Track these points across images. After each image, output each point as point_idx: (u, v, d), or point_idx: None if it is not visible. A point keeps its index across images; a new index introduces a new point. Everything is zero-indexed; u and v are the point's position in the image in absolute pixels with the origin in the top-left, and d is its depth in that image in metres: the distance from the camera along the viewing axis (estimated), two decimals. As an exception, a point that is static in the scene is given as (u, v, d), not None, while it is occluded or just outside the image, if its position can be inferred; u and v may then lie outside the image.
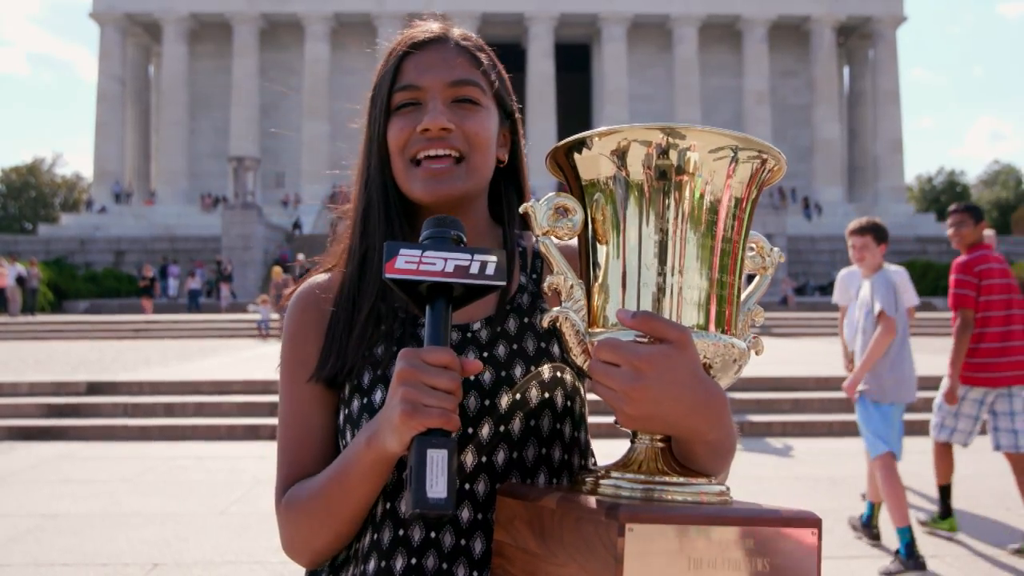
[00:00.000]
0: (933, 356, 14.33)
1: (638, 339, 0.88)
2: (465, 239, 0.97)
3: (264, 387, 10.44)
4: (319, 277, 1.23)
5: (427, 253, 0.93)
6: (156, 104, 49.69)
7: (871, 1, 46.91)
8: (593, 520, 0.83)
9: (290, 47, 47.36)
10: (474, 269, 0.93)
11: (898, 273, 5.43)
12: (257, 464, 7.65)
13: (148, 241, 35.72)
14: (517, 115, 1.25)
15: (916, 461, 6.99)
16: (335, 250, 1.23)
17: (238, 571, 4.77)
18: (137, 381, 10.81)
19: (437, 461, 0.87)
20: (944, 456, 5.39)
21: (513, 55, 46.62)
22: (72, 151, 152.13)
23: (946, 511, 5.37)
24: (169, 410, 9.85)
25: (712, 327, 0.91)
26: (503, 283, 0.94)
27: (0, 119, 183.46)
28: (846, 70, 51.25)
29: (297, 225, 38.94)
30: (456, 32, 1.20)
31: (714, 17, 46.40)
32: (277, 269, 22.01)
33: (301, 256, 25.65)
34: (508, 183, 1.25)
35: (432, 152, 1.12)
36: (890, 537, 5.15)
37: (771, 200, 33.15)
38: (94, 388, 10.60)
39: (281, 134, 44.85)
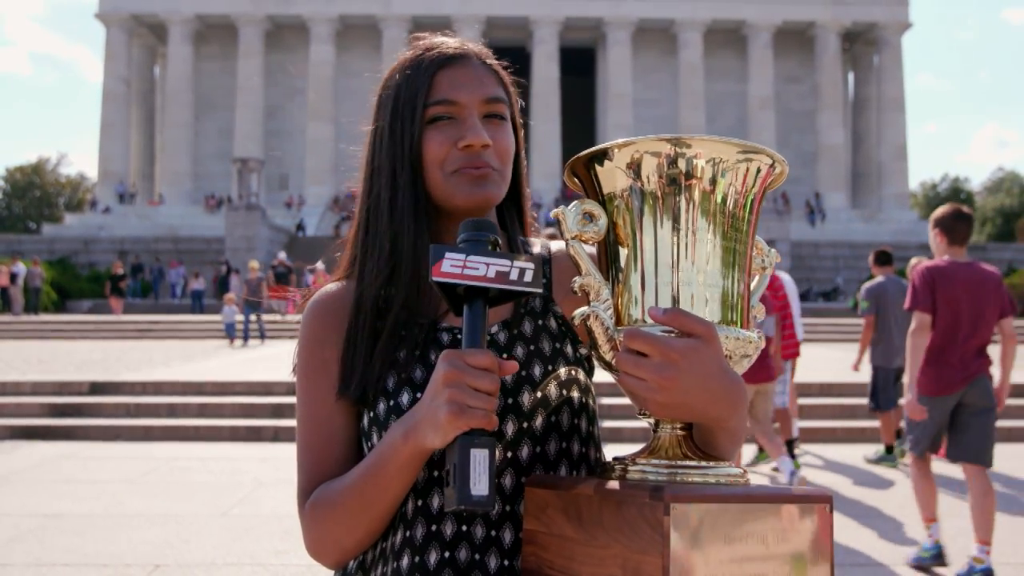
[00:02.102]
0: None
1: (664, 331, 0.95)
2: (500, 242, 1.02)
3: (266, 389, 10.45)
4: (332, 286, 1.25)
5: (471, 258, 0.97)
6: (161, 105, 49.80)
7: (876, 7, 46.91)
8: (636, 503, 0.90)
9: (295, 49, 47.44)
10: (514, 276, 0.98)
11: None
12: (259, 466, 7.65)
13: (152, 241, 35.76)
14: (520, 126, 1.28)
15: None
16: (344, 260, 1.26)
17: (240, 573, 4.77)
18: (140, 381, 10.82)
19: (480, 460, 0.93)
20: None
21: (518, 59, 46.25)
22: (75, 151, 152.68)
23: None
24: (172, 411, 9.86)
25: (734, 322, 0.99)
26: (539, 290, 1.00)
27: (3, 119, 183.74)
28: (851, 76, 51.24)
29: (300, 227, 38.98)
30: (474, 47, 1.24)
31: (719, 22, 46.43)
32: (254, 264, 20.35)
33: (283, 255, 24.66)
34: (510, 191, 1.28)
35: (472, 168, 1.16)
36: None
37: (775, 205, 33.14)
38: (97, 388, 10.62)
39: (285, 139, 44.90)
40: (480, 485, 0.92)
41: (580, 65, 50.11)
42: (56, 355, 15.22)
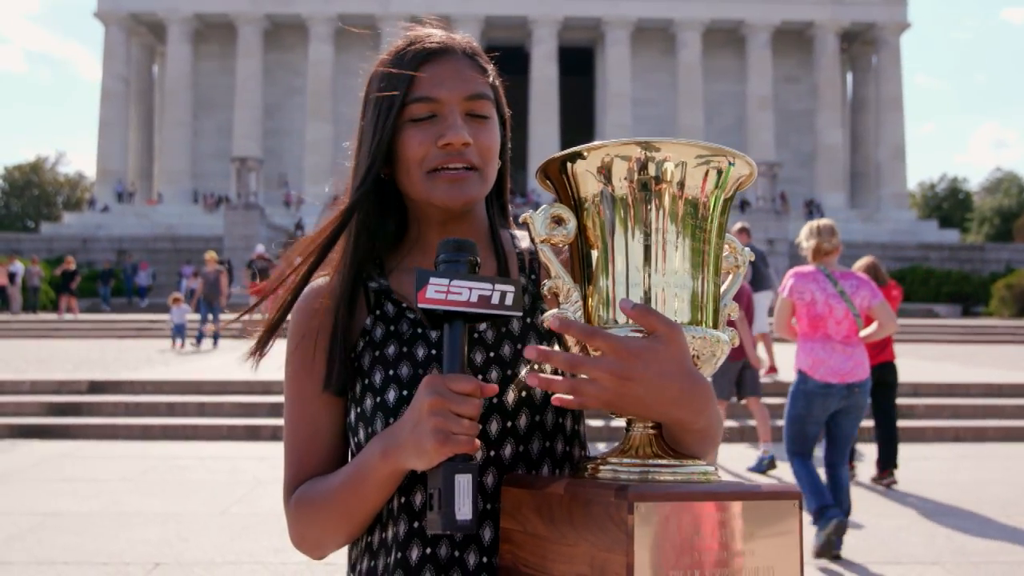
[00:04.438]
0: (934, 363, 14.33)
1: (633, 331, 0.95)
2: (480, 262, 1.02)
3: (265, 388, 10.45)
4: (320, 281, 1.24)
5: (454, 283, 0.98)
6: (160, 104, 49.73)
7: (875, 7, 46.91)
8: (602, 502, 0.91)
9: (294, 48, 47.41)
10: (495, 300, 0.99)
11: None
12: (258, 465, 7.66)
13: (150, 240, 35.72)
14: (508, 124, 1.27)
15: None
16: (333, 254, 1.24)
17: (239, 571, 4.78)
18: (139, 380, 10.83)
19: (464, 485, 0.95)
20: None
21: (516, 58, 46.64)
22: (73, 150, 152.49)
23: None
24: (171, 410, 9.86)
25: (702, 322, 0.99)
26: (519, 314, 1.01)
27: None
28: (849, 76, 51.23)
29: (299, 226, 38.93)
30: (460, 40, 1.22)
31: (717, 22, 46.43)
32: (211, 254, 17.96)
33: (261, 247, 22.93)
34: (496, 186, 1.27)
35: (452, 165, 1.15)
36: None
37: (773, 205, 33.13)
38: (96, 387, 10.62)
39: (284, 138, 44.81)
40: (464, 509, 0.94)
41: (579, 65, 50.08)
42: (54, 354, 15.22)
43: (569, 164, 1.01)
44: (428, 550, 1.11)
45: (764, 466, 7.39)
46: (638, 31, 46.75)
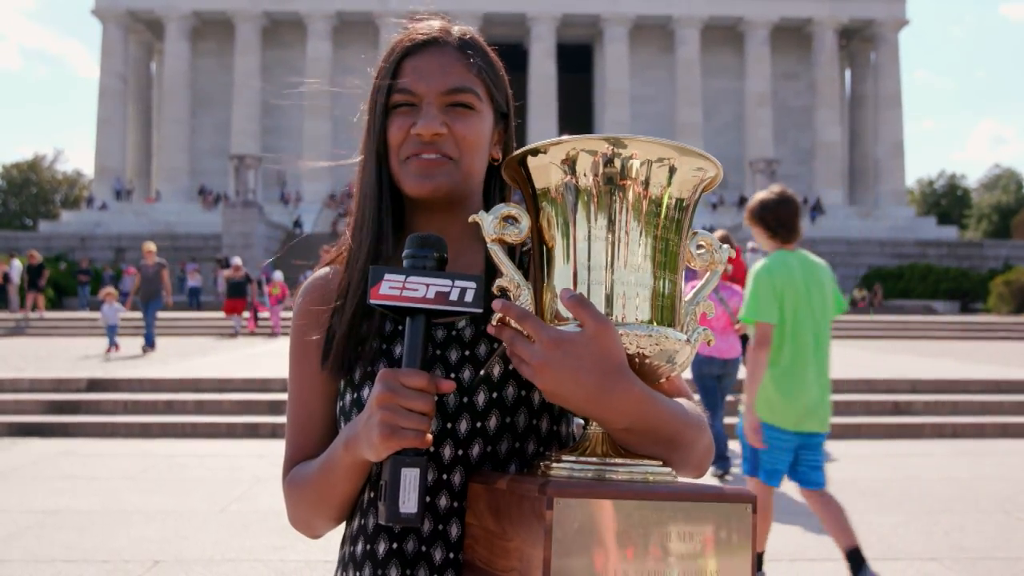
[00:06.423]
0: (932, 359, 14.35)
1: (578, 326, 0.94)
2: (447, 257, 1.02)
3: (263, 385, 10.45)
4: (322, 270, 1.28)
5: (410, 279, 0.97)
6: (158, 101, 49.71)
7: (873, 4, 46.94)
8: (530, 497, 0.90)
9: (292, 45, 47.40)
10: (453, 296, 0.98)
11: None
12: (257, 463, 7.66)
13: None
14: (511, 116, 1.27)
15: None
16: (340, 244, 1.27)
17: (238, 569, 4.78)
18: (137, 378, 10.82)
19: (410, 479, 0.95)
20: None
21: (515, 55, 46.60)
22: (69, 147, 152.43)
23: None
24: (169, 407, 9.86)
25: (652, 321, 0.97)
26: (480, 310, 0.99)
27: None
28: (848, 73, 51.28)
29: (298, 223, 38.96)
30: (456, 32, 1.22)
31: (716, 19, 46.44)
32: (150, 246, 15.75)
33: (238, 260, 20.80)
34: (497, 181, 1.28)
35: (425, 155, 1.16)
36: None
37: (772, 202, 33.15)
38: (95, 385, 10.62)
39: (282, 136, 44.81)
40: (409, 503, 0.95)
41: (577, 62, 50.08)
42: (53, 352, 15.21)
43: (536, 156, 0.99)
44: (395, 545, 1.13)
45: None
46: (637, 28, 46.75)
